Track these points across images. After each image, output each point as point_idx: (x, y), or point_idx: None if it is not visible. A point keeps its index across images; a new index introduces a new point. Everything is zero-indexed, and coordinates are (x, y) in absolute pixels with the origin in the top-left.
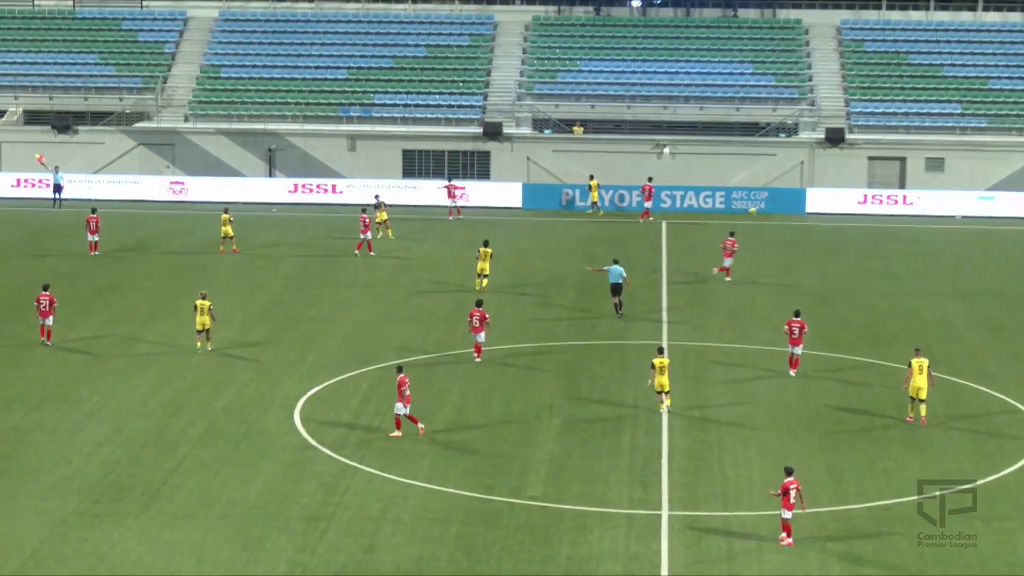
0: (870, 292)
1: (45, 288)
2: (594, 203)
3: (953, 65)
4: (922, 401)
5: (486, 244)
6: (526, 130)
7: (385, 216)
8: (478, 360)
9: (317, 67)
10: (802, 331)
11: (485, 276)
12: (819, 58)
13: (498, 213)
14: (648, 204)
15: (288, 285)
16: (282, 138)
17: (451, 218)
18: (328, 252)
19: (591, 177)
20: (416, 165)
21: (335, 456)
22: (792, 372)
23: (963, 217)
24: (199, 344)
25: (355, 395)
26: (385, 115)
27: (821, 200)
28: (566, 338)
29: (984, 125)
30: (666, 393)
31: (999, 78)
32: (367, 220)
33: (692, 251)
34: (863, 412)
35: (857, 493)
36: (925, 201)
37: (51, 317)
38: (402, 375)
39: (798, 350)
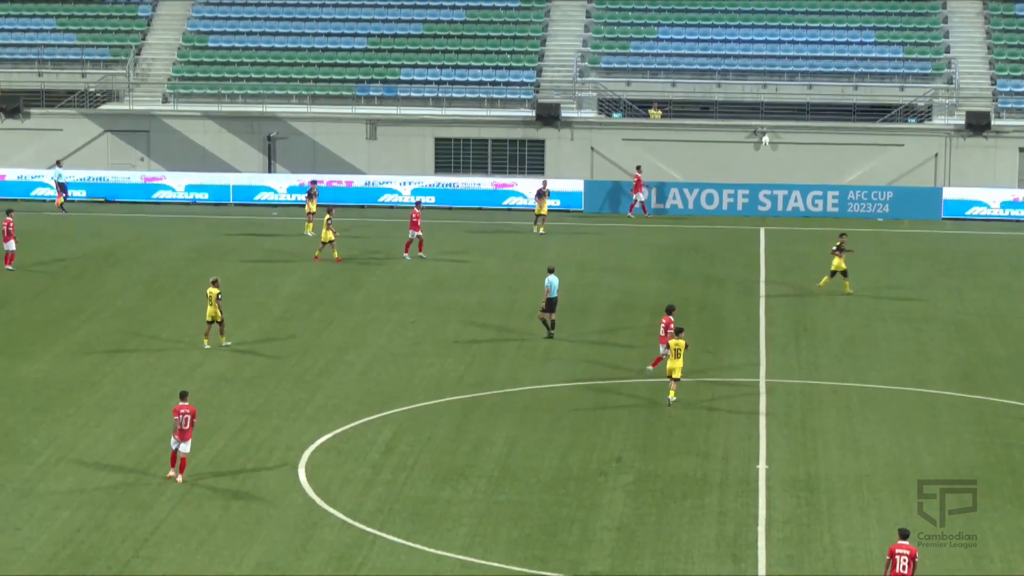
0: (1021, 318)
1: None
2: (540, 215)
3: None
4: None
5: (842, 235)
6: (590, 113)
7: (315, 207)
8: (651, 369)
9: (329, 35)
10: None
11: (840, 273)
12: (959, 24)
13: (554, 217)
14: None
15: (292, 307)
16: (285, 124)
17: (631, 214)
18: (342, 267)
19: (544, 184)
20: (452, 157)
21: (349, 521)
22: None
23: None
24: (206, 341)
25: (375, 445)
26: (414, 95)
27: (960, 202)
28: (639, 374)
29: None
30: (675, 380)
31: None
32: (419, 214)
33: (797, 266)
34: (1012, 469)
35: (1003, 569)
36: None
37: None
38: (181, 403)
39: None
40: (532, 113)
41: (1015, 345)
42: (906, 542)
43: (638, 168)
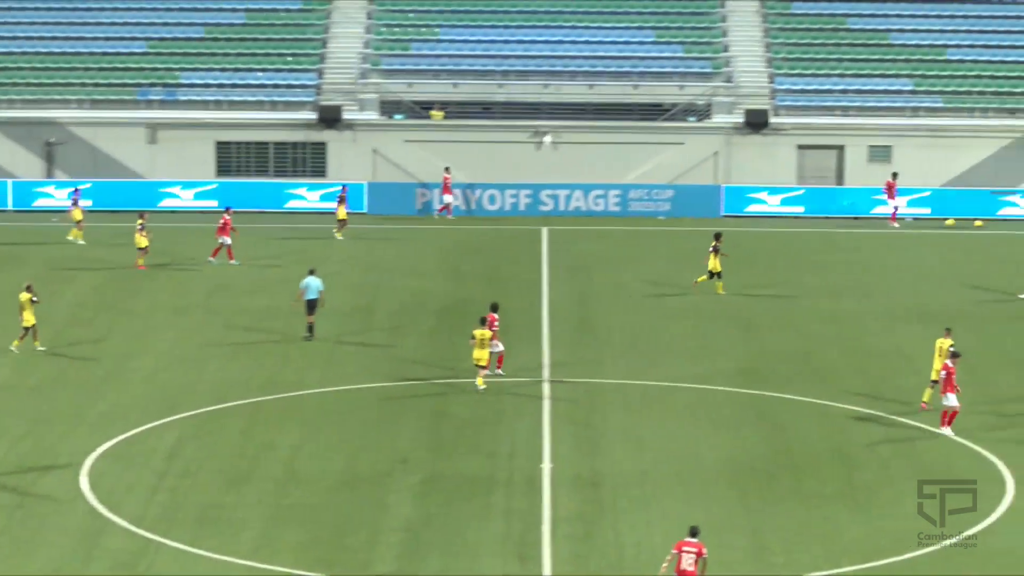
0: (803, 314)
1: None
2: (341, 220)
3: (902, 31)
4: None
5: (717, 237)
6: (372, 115)
7: (81, 215)
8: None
9: (108, 39)
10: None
11: (715, 274)
12: (737, 23)
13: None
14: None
15: (75, 313)
16: (64, 129)
17: (442, 215)
18: (125, 272)
19: (343, 188)
20: (233, 161)
21: (133, 528)
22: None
23: (916, 219)
24: (15, 344)
25: (158, 451)
26: (194, 98)
27: (740, 199)
28: (425, 375)
29: (940, 105)
30: (483, 367)
31: (958, 47)
32: (228, 220)
33: (580, 265)
34: (794, 464)
35: (785, 563)
36: (869, 200)
37: None
38: None
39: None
40: (314, 115)
41: (795, 341)
42: (695, 539)
43: (447, 169)
